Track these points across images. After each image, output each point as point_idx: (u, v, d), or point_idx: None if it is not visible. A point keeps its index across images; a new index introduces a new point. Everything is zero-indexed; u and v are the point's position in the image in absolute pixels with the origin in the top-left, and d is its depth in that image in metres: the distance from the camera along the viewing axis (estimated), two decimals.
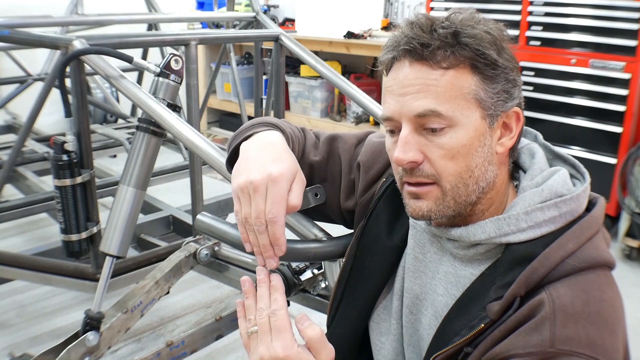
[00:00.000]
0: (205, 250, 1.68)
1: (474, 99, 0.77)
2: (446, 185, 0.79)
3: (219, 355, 2.14)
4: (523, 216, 0.77)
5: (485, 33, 0.78)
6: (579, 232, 0.75)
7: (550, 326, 0.69)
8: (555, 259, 0.73)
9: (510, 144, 0.82)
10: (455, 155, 0.78)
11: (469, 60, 0.77)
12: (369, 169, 1.00)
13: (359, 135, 1.07)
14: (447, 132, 0.77)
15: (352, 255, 0.98)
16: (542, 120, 3.14)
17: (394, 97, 0.80)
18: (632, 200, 2.81)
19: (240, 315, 0.85)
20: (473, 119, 0.78)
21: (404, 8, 4.40)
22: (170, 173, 2.84)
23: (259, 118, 1.00)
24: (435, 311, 0.86)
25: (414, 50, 0.77)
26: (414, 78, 0.78)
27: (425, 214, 0.81)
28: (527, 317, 0.72)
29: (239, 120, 3.61)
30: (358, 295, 0.97)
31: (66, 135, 1.59)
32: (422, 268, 0.89)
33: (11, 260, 1.87)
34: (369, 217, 0.97)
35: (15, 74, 3.35)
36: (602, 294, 0.73)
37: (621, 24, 2.81)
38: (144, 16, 2.98)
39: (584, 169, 0.84)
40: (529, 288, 0.73)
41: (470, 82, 0.77)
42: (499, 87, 0.78)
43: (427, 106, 0.76)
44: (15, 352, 1.79)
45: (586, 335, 0.69)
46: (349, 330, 0.98)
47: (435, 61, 0.76)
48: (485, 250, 0.81)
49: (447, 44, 0.76)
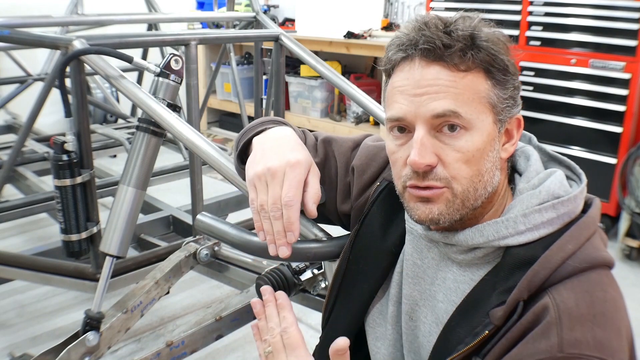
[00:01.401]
0: (205, 250, 1.68)
1: (488, 103, 0.77)
2: (458, 188, 0.78)
3: (219, 355, 2.14)
4: (521, 218, 0.77)
5: (498, 38, 0.78)
6: (577, 232, 0.75)
7: (557, 331, 0.69)
8: (556, 261, 0.73)
9: (512, 150, 0.82)
10: (470, 159, 0.77)
11: (484, 65, 0.77)
12: (362, 173, 1.00)
13: (355, 139, 1.07)
14: (463, 135, 0.76)
15: (346, 259, 0.98)
16: (542, 120, 3.14)
17: (407, 98, 0.78)
18: (632, 200, 2.81)
19: (257, 337, 0.87)
20: (487, 123, 0.77)
21: (404, 8, 4.40)
22: (170, 173, 2.84)
23: (264, 117, 1.01)
24: (436, 318, 0.85)
25: (433, 50, 0.76)
26: (432, 79, 0.76)
27: (435, 218, 0.79)
28: (532, 323, 0.71)
29: (238, 120, 3.61)
30: (352, 299, 0.97)
31: (66, 135, 1.59)
32: (420, 274, 0.88)
33: (11, 260, 1.87)
34: (363, 221, 0.97)
35: (15, 74, 3.35)
36: (605, 294, 0.73)
37: (621, 24, 2.81)
38: (144, 16, 2.98)
39: (579, 170, 0.84)
40: (531, 291, 0.72)
41: (485, 86, 0.77)
42: (509, 93, 0.79)
43: (447, 106, 0.75)
44: (15, 352, 1.79)
45: (593, 337, 0.69)
46: (343, 333, 0.97)
47: (453, 63, 0.76)
48: (483, 254, 0.80)
49: (466, 46, 0.76)
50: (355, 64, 4.75)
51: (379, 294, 0.95)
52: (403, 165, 0.80)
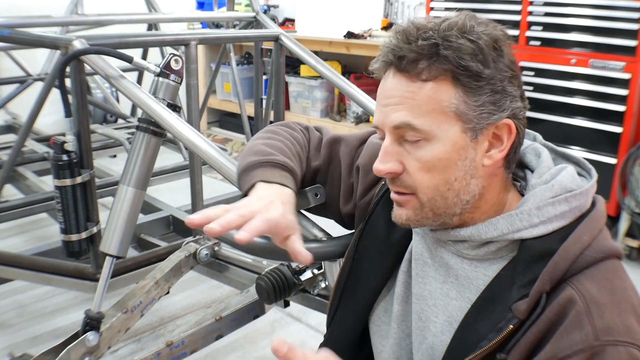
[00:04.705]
0: (205, 250, 1.68)
1: (453, 113, 0.76)
2: (423, 197, 0.80)
3: (219, 355, 2.14)
4: (535, 211, 0.77)
5: (471, 43, 0.75)
6: (591, 224, 0.77)
7: (590, 320, 0.70)
8: (575, 252, 0.74)
9: (499, 156, 0.80)
10: (431, 168, 0.78)
11: (450, 72, 0.75)
12: (367, 172, 1.00)
13: (361, 136, 1.07)
14: (422, 145, 0.78)
15: (351, 258, 0.98)
16: (542, 120, 3.14)
17: (378, 107, 0.82)
18: (632, 200, 2.81)
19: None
20: (451, 133, 0.77)
21: (404, 8, 4.39)
22: (170, 173, 2.84)
23: (264, 143, 1.00)
24: (449, 316, 0.84)
25: (395, 60, 0.78)
26: (394, 89, 0.78)
27: (405, 222, 0.83)
28: (558, 315, 0.72)
29: (238, 120, 3.61)
30: (357, 298, 0.97)
31: (66, 135, 1.59)
32: (431, 273, 0.88)
33: (11, 260, 1.87)
34: (368, 220, 0.97)
35: (15, 74, 3.35)
36: (623, 282, 0.75)
37: (621, 24, 2.81)
38: (144, 16, 2.98)
39: (589, 165, 0.85)
40: (553, 283, 0.73)
41: (450, 94, 0.76)
42: (483, 99, 0.76)
43: (402, 119, 0.77)
44: (15, 352, 1.78)
45: (622, 323, 0.71)
46: (348, 331, 0.98)
47: (415, 73, 0.76)
48: (497, 249, 0.80)
49: (424, 55, 0.75)
50: (355, 64, 4.75)
51: (383, 292, 0.95)
52: None
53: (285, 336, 2.28)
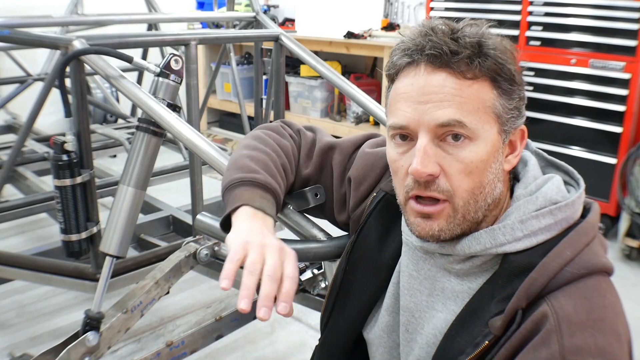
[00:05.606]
0: (205, 250, 1.68)
1: (494, 113, 0.76)
2: (459, 202, 0.76)
3: (219, 355, 2.14)
4: (518, 225, 0.75)
5: (505, 47, 0.76)
6: (575, 239, 0.74)
7: (558, 338, 0.68)
8: (553, 268, 0.72)
9: (515, 161, 0.81)
10: (473, 170, 0.75)
11: (490, 73, 0.75)
12: (359, 185, 0.98)
13: (355, 141, 1.04)
14: (467, 146, 0.75)
15: (342, 270, 0.96)
16: (542, 120, 3.14)
17: (410, 105, 0.76)
18: (632, 200, 2.81)
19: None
20: (491, 134, 0.76)
21: (404, 8, 4.40)
22: (170, 173, 2.84)
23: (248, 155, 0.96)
24: (434, 328, 0.83)
25: (439, 56, 0.74)
26: (437, 86, 0.74)
27: (436, 234, 0.78)
28: (531, 331, 0.70)
29: (238, 120, 3.60)
30: (349, 308, 0.96)
31: (66, 135, 1.59)
32: (417, 285, 0.86)
33: (11, 260, 1.87)
34: (359, 232, 0.95)
35: (15, 74, 3.35)
36: (604, 299, 0.72)
37: (621, 24, 2.81)
38: (144, 16, 2.97)
39: (577, 175, 0.83)
40: (529, 299, 0.71)
41: (490, 95, 0.76)
42: (514, 104, 0.77)
43: (452, 116, 0.73)
44: (15, 352, 1.79)
45: (595, 343, 0.67)
46: (341, 340, 0.98)
47: (460, 70, 0.74)
48: (481, 263, 0.79)
49: (473, 53, 0.75)
50: (355, 64, 4.75)
51: (377, 303, 0.94)
52: (405, 174, 0.79)
53: (285, 336, 2.28)
